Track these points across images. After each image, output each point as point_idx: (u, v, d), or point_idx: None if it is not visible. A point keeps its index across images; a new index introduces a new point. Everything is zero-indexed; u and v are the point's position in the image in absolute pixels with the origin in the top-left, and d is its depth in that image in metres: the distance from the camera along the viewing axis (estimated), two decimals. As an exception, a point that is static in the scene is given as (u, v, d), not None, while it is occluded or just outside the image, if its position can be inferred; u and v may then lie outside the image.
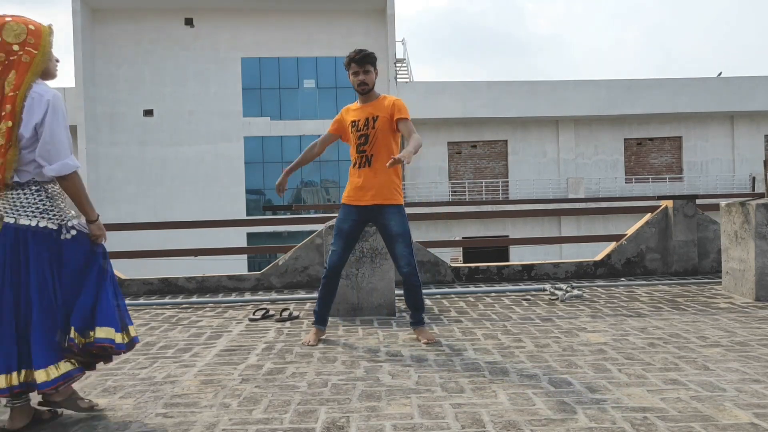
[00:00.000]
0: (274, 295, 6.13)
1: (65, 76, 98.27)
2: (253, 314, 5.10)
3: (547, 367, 3.35)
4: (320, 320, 4.16)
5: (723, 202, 5.85)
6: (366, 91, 3.98)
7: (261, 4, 28.07)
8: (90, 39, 27.19)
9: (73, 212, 2.77)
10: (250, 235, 25.97)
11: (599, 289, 6.13)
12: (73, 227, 2.71)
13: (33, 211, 2.62)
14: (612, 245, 7.12)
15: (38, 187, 2.65)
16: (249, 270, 20.97)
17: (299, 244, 6.80)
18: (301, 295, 6.18)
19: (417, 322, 4.13)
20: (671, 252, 6.91)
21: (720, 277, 6.05)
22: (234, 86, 27.90)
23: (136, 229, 7.89)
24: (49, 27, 2.75)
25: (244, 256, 24.04)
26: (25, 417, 2.64)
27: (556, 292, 5.70)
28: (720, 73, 30.23)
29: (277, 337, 4.32)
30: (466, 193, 28.71)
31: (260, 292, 6.45)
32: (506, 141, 29.04)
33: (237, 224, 8.95)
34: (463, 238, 23.81)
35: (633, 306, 5.16)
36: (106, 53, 27.66)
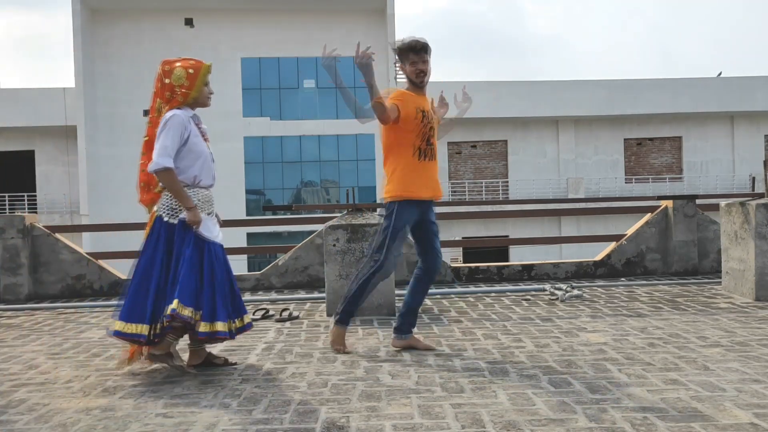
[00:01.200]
0: (274, 295, 6.13)
1: (65, 76, 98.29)
2: (253, 314, 5.10)
3: (547, 367, 3.35)
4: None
5: (723, 202, 5.85)
6: (425, 83, 3.83)
7: (261, 4, 28.07)
8: (90, 39, 27.18)
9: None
10: (250, 235, 25.97)
11: (599, 289, 6.13)
12: (178, 217, 3.39)
13: (164, 207, 3.43)
14: (612, 245, 7.12)
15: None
16: (249, 270, 20.97)
17: (299, 244, 6.80)
18: (301, 295, 6.19)
19: (410, 329, 3.86)
20: (671, 252, 6.90)
21: (720, 277, 6.05)
22: (234, 86, 27.90)
23: (136, 229, 7.88)
24: (208, 66, 3.52)
25: (244, 256, 24.04)
26: (199, 358, 3.50)
27: (556, 292, 5.70)
28: (720, 73, 30.22)
29: (277, 337, 4.32)
30: (466, 193, 28.71)
31: (260, 292, 6.46)
32: (506, 141, 29.04)
33: (237, 224, 8.95)
34: (463, 238, 23.80)
35: (633, 306, 5.16)
36: (105, 53, 27.66)
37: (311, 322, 4.87)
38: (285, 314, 5.05)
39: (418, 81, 3.79)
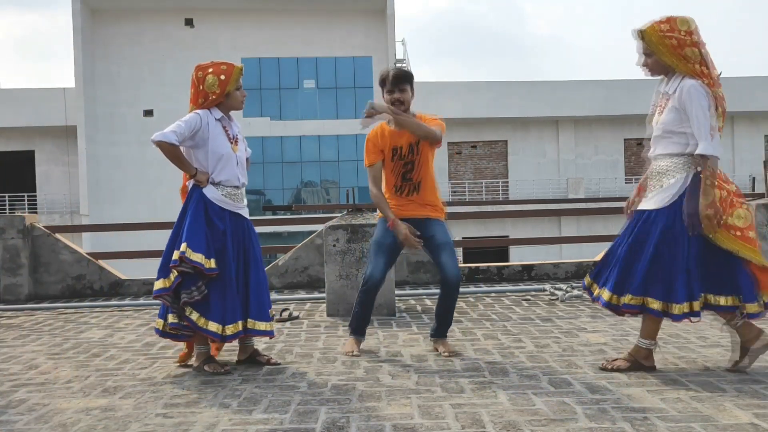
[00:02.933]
0: (274, 296, 6.12)
1: (65, 76, 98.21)
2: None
3: (547, 367, 3.35)
4: (357, 330, 3.86)
5: (723, 202, 5.83)
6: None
7: (261, 4, 28.06)
8: (90, 39, 27.18)
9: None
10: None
11: (599, 289, 6.12)
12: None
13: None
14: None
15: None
16: (249, 270, 20.87)
17: (299, 245, 6.80)
18: (301, 295, 6.19)
19: (444, 334, 3.84)
20: (671, 252, 6.89)
21: (720, 277, 6.04)
22: (234, 86, 27.85)
23: (136, 229, 7.90)
24: (239, 69, 3.57)
25: (244, 257, 23.97)
26: (244, 354, 3.64)
27: (556, 292, 5.70)
28: (720, 73, 30.19)
29: (277, 337, 4.31)
30: (466, 193, 28.71)
31: (260, 292, 6.45)
32: (506, 141, 29.04)
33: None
34: (463, 238, 23.80)
35: (633, 306, 5.15)
36: (106, 54, 27.65)
37: (311, 322, 4.88)
38: (285, 314, 5.05)
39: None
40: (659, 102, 3.32)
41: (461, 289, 6.14)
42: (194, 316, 3.36)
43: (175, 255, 3.34)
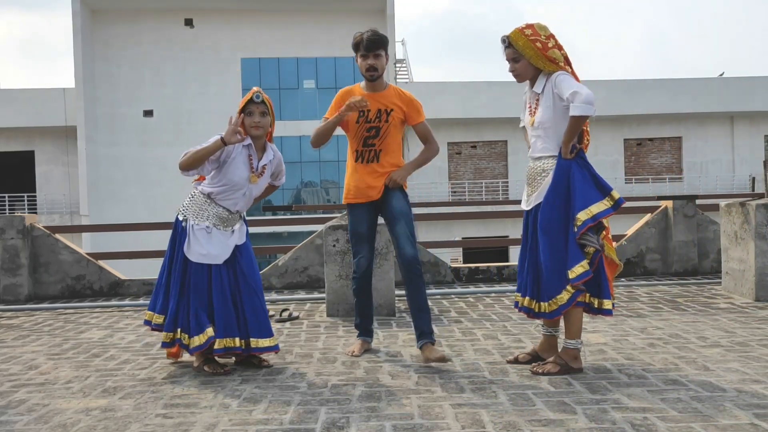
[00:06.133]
0: (274, 296, 6.13)
1: (65, 76, 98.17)
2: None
3: (547, 368, 3.35)
4: (362, 329, 3.87)
5: (723, 203, 5.84)
6: (375, 78, 3.63)
7: (261, 4, 28.06)
8: (90, 40, 27.16)
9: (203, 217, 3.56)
10: (249, 236, 25.95)
11: (599, 289, 6.11)
12: (187, 223, 3.55)
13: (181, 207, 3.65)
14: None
15: (192, 192, 3.66)
16: (249, 270, 20.81)
17: (299, 245, 6.79)
18: (301, 295, 6.18)
19: (426, 335, 3.59)
20: (671, 252, 6.90)
21: (720, 278, 6.05)
22: (234, 86, 27.87)
23: (136, 230, 7.90)
24: (250, 95, 3.48)
25: (244, 257, 23.96)
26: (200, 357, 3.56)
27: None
28: (722, 73, 30.21)
29: (276, 337, 4.31)
30: (466, 193, 28.71)
31: (260, 293, 6.44)
32: (506, 141, 29.02)
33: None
34: (463, 238, 23.78)
35: (633, 306, 5.16)
36: (106, 54, 27.63)
37: (311, 322, 4.88)
38: (285, 314, 5.05)
39: (368, 76, 3.64)
40: (530, 103, 3.43)
41: (461, 290, 6.17)
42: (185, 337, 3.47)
43: (147, 315, 3.60)
